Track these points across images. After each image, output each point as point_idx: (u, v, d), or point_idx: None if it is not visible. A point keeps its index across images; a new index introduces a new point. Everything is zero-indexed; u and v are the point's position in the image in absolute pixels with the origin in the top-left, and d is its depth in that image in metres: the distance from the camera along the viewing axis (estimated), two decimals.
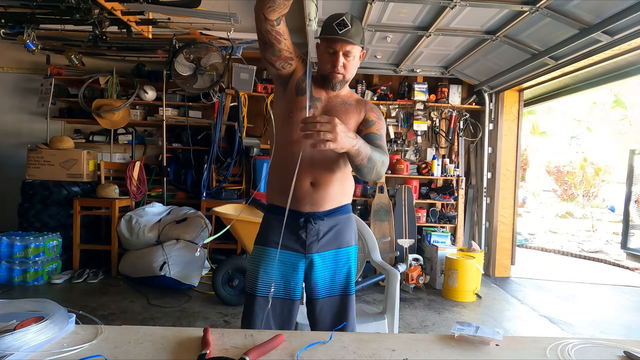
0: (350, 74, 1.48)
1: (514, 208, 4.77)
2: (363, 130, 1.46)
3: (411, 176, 4.73)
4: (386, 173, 4.65)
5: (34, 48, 3.48)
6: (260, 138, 4.78)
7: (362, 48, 1.48)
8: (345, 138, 1.14)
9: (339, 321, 1.46)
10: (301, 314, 1.67)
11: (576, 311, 3.81)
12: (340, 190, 1.49)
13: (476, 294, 3.96)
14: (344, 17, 1.39)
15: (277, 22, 1.35)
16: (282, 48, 1.41)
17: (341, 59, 1.42)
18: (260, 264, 1.48)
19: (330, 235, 1.49)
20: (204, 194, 4.43)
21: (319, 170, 1.44)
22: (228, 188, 4.53)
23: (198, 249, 3.85)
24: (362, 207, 4.68)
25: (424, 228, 4.67)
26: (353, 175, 1.59)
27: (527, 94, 4.78)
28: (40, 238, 3.79)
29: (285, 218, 1.40)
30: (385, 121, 4.78)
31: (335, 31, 1.38)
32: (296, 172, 1.36)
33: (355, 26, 1.40)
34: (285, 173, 1.44)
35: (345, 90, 1.53)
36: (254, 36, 1.48)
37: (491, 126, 4.80)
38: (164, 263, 3.64)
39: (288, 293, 1.48)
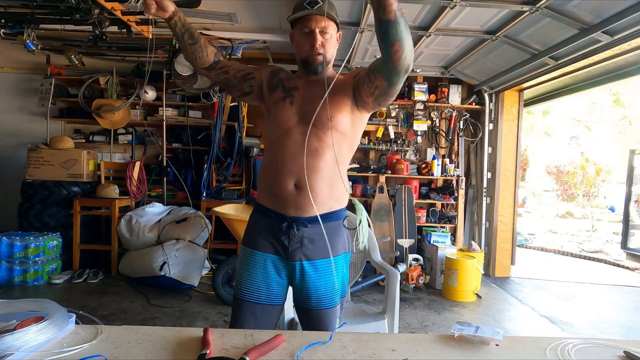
0: (330, 53, 1.39)
1: (514, 208, 4.77)
2: (359, 75, 1.35)
3: (411, 176, 4.73)
4: (386, 173, 4.65)
5: (34, 48, 3.48)
6: (260, 138, 4.78)
7: (338, 29, 1.42)
8: None
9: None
10: None
11: (576, 311, 3.81)
12: (328, 194, 1.38)
13: (476, 294, 3.96)
14: None
15: (215, 63, 1.47)
16: (235, 75, 1.48)
17: (318, 37, 1.34)
18: (244, 266, 1.44)
19: (315, 244, 1.39)
20: (204, 194, 4.43)
21: (303, 170, 1.32)
22: (228, 188, 4.53)
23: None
24: None
25: (424, 228, 4.66)
26: (351, 176, 1.55)
27: (527, 94, 4.78)
28: (40, 238, 3.79)
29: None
30: (385, 121, 4.82)
31: (306, 9, 1.33)
32: (293, 176, 1.33)
33: (328, 3, 1.35)
34: (270, 172, 1.41)
35: (328, 73, 1.42)
36: (254, 36, 1.49)
37: (491, 126, 4.80)
38: (164, 263, 3.64)
39: (269, 298, 1.42)
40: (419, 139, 4.91)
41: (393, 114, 4.87)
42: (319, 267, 1.41)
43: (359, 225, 1.38)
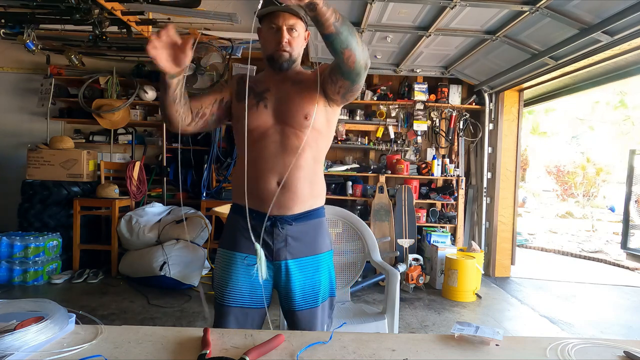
0: (297, 52, 1.38)
1: (514, 208, 4.77)
2: (323, 73, 1.35)
3: (411, 176, 4.73)
4: (386, 173, 4.65)
5: (34, 48, 3.48)
6: None
7: (307, 28, 1.40)
8: None
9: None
10: None
11: (576, 311, 3.81)
12: (309, 191, 1.38)
13: (476, 294, 3.96)
14: None
15: (193, 115, 1.36)
16: (211, 111, 1.41)
17: (285, 35, 1.33)
18: (227, 270, 1.39)
19: (299, 242, 1.38)
20: (204, 194, 4.43)
21: (285, 169, 1.33)
22: (228, 188, 4.53)
23: None
24: (362, 207, 4.68)
25: (424, 228, 4.66)
26: (352, 176, 1.55)
27: (527, 94, 4.78)
28: (40, 238, 3.79)
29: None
30: (385, 121, 4.82)
31: (274, 5, 1.31)
32: (276, 175, 1.32)
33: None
34: (251, 172, 1.37)
35: (296, 69, 1.43)
36: (254, 36, 1.46)
37: (491, 126, 4.80)
38: (164, 263, 3.64)
39: (253, 301, 1.38)
40: (419, 139, 4.91)
41: (393, 114, 4.87)
42: (304, 266, 1.40)
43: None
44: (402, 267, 3.76)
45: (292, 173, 1.34)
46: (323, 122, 1.40)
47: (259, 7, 1.18)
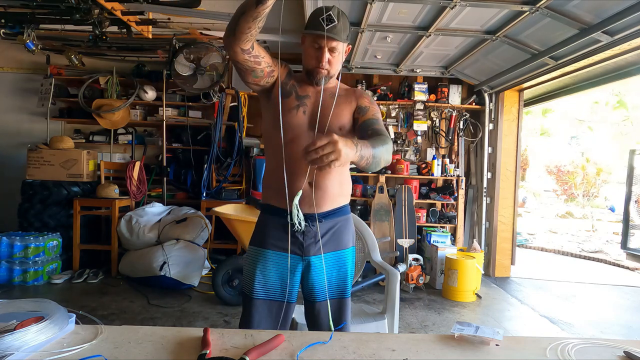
0: (335, 69, 1.46)
1: (514, 208, 4.77)
2: (359, 119, 1.46)
3: (411, 176, 4.73)
4: (386, 173, 4.66)
5: (34, 48, 3.48)
6: (260, 138, 4.78)
7: (348, 43, 1.47)
8: (346, 150, 1.11)
9: (335, 324, 1.45)
10: (301, 314, 1.67)
11: (576, 311, 3.81)
12: (339, 190, 1.49)
13: (476, 294, 3.96)
14: (330, 12, 1.36)
15: (251, 48, 1.31)
16: (263, 68, 1.39)
17: (326, 55, 1.40)
18: (257, 265, 1.47)
19: (328, 237, 1.48)
20: (204, 194, 4.43)
21: (317, 170, 1.41)
22: (228, 188, 4.53)
23: None
24: (362, 207, 4.68)
25: (424, 228, 4.66)
26: (352, 176, 1.58)
27: (527, 94, 4.78)
28: (40, 238, 3.79)
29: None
30: (385, 121, 4.82)
31: (321, 26, 1.35)
32: (306, 176, 1.39)
33: (342, 21, 1.39)
34: (282, 174, 1.41)
35: (332, 83, 1.51)
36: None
37: (491, 126, 4.80)
38: (164, 263, 3.64)
39: (284, 296, 1.46)
40: (419, 139, 4.91)
41: (393, 114, 4.87)
42: (332, 260, 1.48)
43: None
44: (402, 267, 3.75)
45: (323, 174, 1.44)
46: (352, 134, 1.50)
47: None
